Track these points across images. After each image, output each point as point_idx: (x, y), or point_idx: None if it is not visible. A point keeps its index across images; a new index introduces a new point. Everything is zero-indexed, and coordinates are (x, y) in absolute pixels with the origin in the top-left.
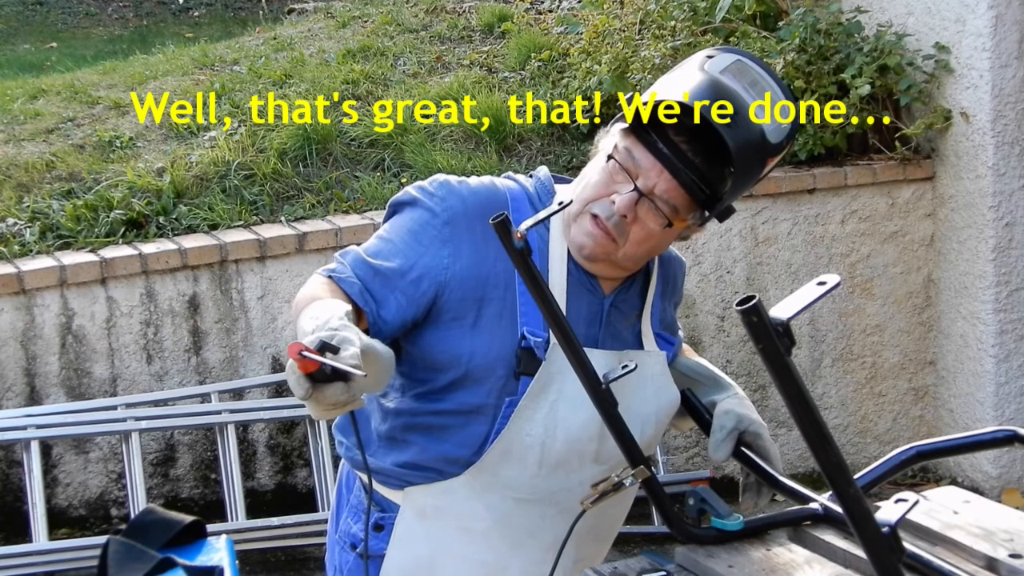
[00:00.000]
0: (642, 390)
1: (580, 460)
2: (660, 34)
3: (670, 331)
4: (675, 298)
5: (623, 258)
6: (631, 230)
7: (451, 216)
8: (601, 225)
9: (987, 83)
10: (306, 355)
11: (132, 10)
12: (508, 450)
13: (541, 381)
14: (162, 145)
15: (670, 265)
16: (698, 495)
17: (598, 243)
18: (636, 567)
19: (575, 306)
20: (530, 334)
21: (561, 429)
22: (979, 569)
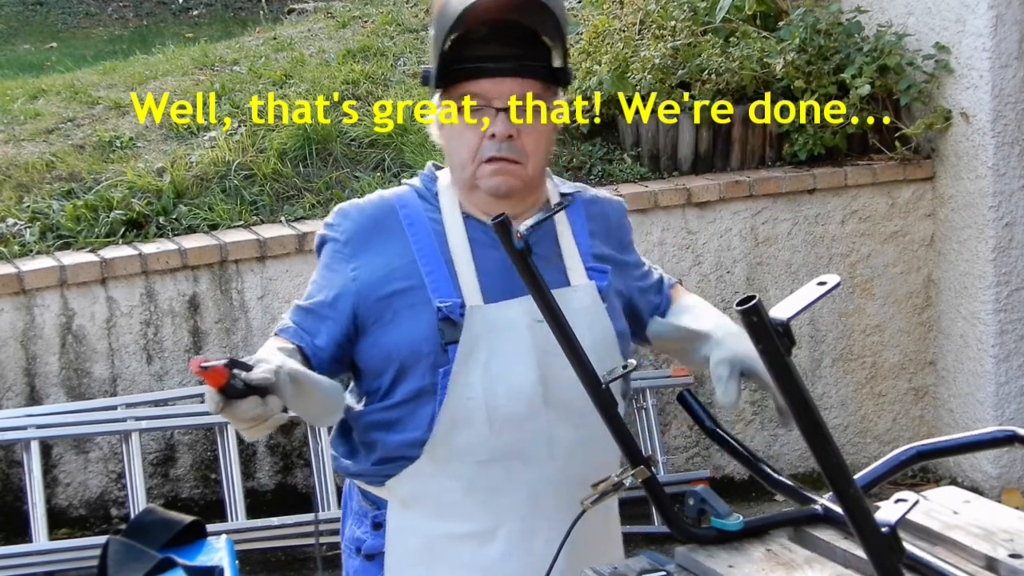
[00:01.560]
0: (576, 323)
1: (530, 408)
2: (660, 34)
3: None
4: (618, 236)
5: (533, 172)
6: (525, 142)
7: (349, 236)
8: (500, 159)
9: (987, 83)
10: (205, 365)
11: (132, 10)
12: (454, 418)
13: (467, 344)
14: (162, 145)
15: (597, 205)
16: (698, 495)
17: (509, 173)
18: (636, 567)
19: (487, 265)
20: (443, 304)
21: (500, 384)
22: (979, 569)
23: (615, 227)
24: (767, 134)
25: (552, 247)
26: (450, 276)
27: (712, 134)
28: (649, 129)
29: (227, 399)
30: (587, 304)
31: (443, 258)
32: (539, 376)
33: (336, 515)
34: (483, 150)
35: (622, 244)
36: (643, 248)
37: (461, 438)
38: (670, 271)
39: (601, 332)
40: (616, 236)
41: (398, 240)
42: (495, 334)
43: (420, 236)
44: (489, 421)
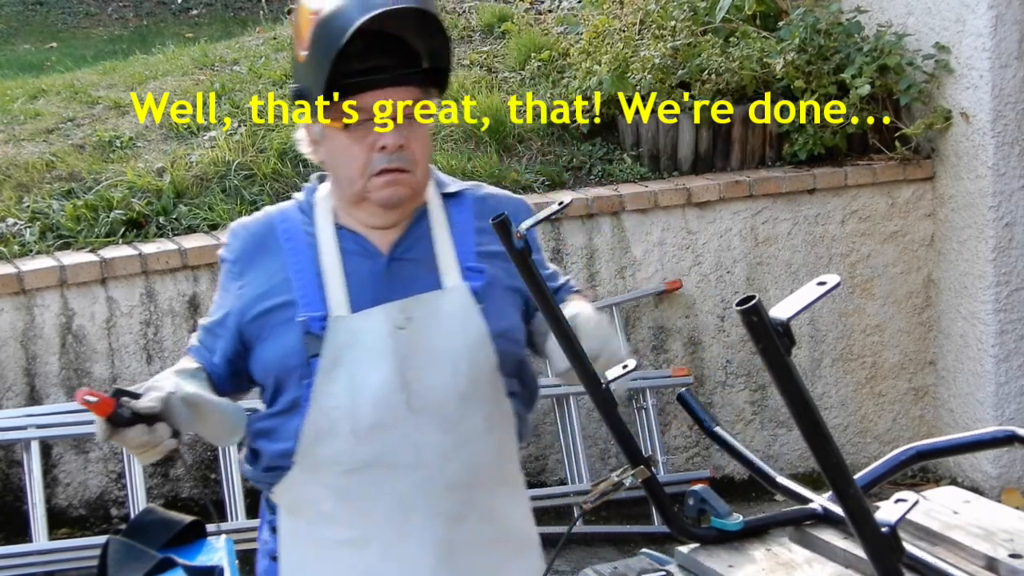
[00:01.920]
0: (446, 327)
1: (393, 416)
2: (660, 34)
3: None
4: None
5: (422, 178)
6: (414, 150)
7: (236, 255)
8: (392, 170)
9: (987, 83)
10: (89, 399)
11: (132, 10)
12: (318, 429)
13: (329, 356)
14: (162, 145)
15: (490, 202)
16: (698, 495)
17: (400, 184)
18: (636, 567)
19: (357, 275)
20: (304, 318)
21: (363, 393)
22: (979, 569)
23: None
24: (767, 134)
25: (427, 249)
26: (319, 289)
27: (712, 134)
28: (649, 129)
29: (114, 428)
30: (459, 306)
31: (314, 271)
32: (401, 382)
33: None
34: (374, 163)
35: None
36: (643, 248)
37: (327, 449)
38: (670, 271)
39: (474, 334)
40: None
41: (276, 256)
42: (357, 344)
43: (295, 251)
44: (353, 431)
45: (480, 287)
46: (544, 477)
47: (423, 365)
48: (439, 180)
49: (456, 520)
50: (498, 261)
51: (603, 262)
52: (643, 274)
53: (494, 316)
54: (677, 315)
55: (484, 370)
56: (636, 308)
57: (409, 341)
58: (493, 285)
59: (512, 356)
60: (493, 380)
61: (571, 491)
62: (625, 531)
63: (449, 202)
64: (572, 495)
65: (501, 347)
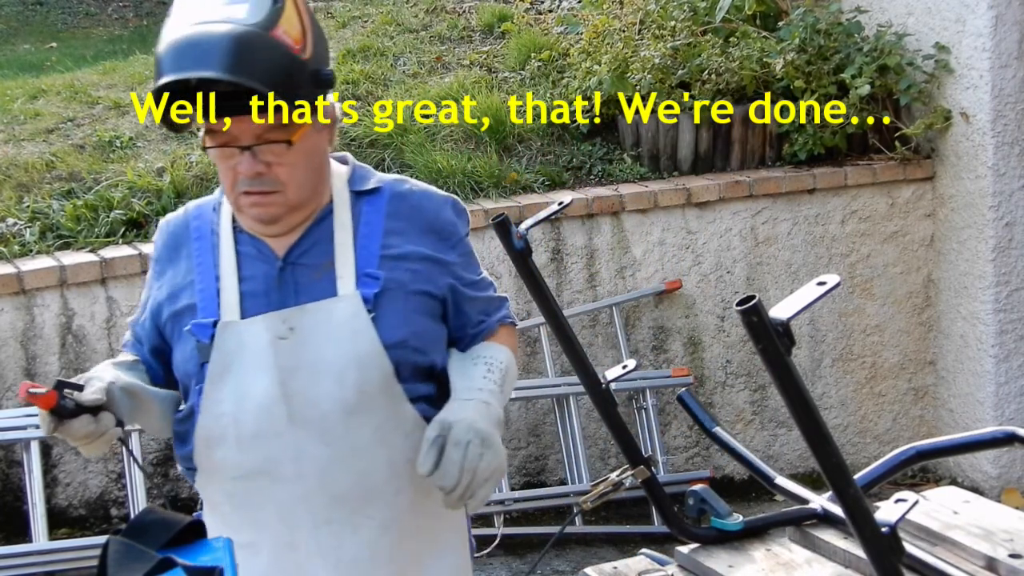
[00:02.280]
0: (334, 337)
1: (273, 426)
2: (660, 34)
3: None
4: (438, 231)
5: (296, 196)
6: (277, 173)
7: (158, 254)
8: (255, 192)
9: (987, 83)
10: (33, 391)
11: (132, 10)
12: (208, 435)
13: (217, 363)
14: (162, 145)
15: (409, 200)
16: (698, 495)
17: (267, 204)
18: (636, 567)
19: (251, 280)
20: (199, 322)
21: (247, 401)
22: (979, 569)
23: (433, 221)
24: (767, 134)
25: (325, 253)
26: (216, 293)
27: (712, 134)
28: (649, 129)
29: (60, 420)
30: (348, 316)
31: (215, 274)
32: (282, 393)
33: None
34: (238, 184)
35: (444, 241)
36: (643, 248)
37: (217, 454)
38: (670, 271)
39: (364, 345)
40: (435, 232)
41: (187, 257)
42: (243, 351)
43: (201, 252)
44: (238, 439)
45: (375, 295)
46: (544, 477)
47: (306, 376)
48: (357, 175)
49: (350, 530)
50: (407, 263)
51: (603, 262)
52: (643, 274)
53: (390, 325)
54: (677, 315)
55: (375, 381)
56: (636, 308)
57: (291, 352)
58: (393, 291)
59: (414, 364)
60: (388, 390)
61: (571, 491)
62: (625, 531)
63: (362, 200)
64: (572, 495)
65: (398, 357)
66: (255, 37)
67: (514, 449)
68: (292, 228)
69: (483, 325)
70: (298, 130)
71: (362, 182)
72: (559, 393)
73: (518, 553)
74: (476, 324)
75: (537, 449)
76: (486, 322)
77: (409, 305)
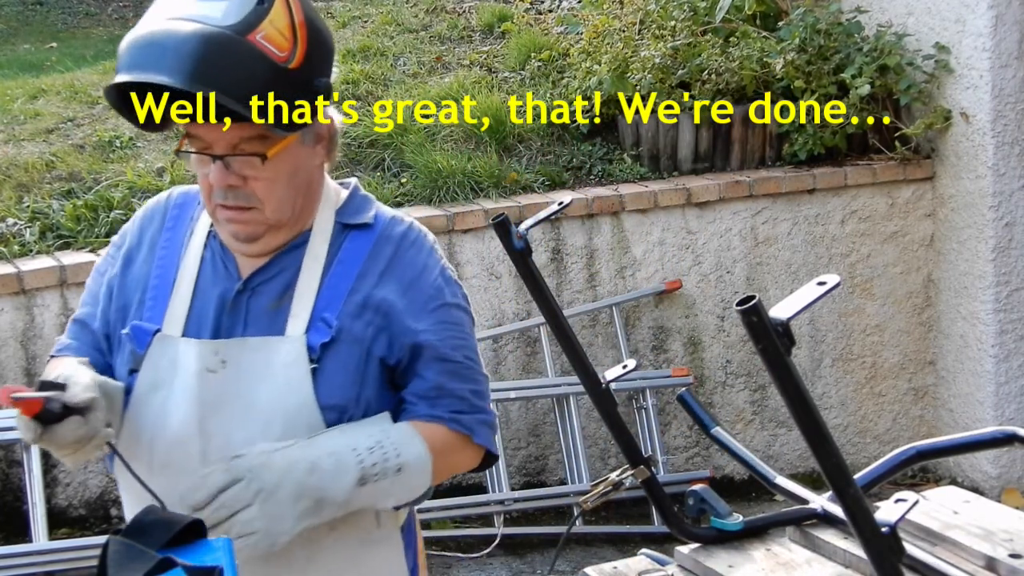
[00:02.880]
0: (268, 381)
1: (186, 461)
2: (660, 34)
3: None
4: (416, 293)
5: (275, 215)
6: (254, 188)
7: (127, 232)
8: (229, 207)
9: (987, 83)
10: (18, 396)
11: (132, 10)
12: (129, 449)
13: (147, 378)
14: (162, 145)
15: (401, 250)
16: (698, 495)
17: (243, 222)
18: (636, 567)
19: (207, 295)
20: (137, 326)
21: (166, 429)
22: (979, 569)
23: (415, 279)
24: (767, 134)
25: (286, 285)
26: (167, 298)
27: (712, 134)
28: (649, 129)
29: (45, 425)
30: (289, 361)
31: (173, 276)
32: (200, 430)
33: None
34: (214, 195)
35: (421, 304)
36: (643, 248)
37: (136, 468)
38: (670, 271)
39: (297, 398)
40: (414, 289)
41: (152, 246)
42: (174, 372)
43: (169, 245)
44: (149, 464)
45: (323, 344)
46: (544, 477)
47: (229, 416)
48: (353, 205)
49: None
50: (371, 314)
51: (603, 262)
52: (643, 274)
53: (333, 384)
54: (677, 315)
55: (304, 437)
56: (636, 308)
57: (218, 387)
58: (347, 345)
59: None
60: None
61: (571, 491)
62: (625, 531)
63: (348, 234)
64: (572, 495)
65: (333, 420)
66: (225, 41)
67: (514, 449)
68: (273, 250)
69: (413, 408)
70: (277, 143)
71: (356, 214)
72: (559, 393)
73: (518, 553)
74: (409, 404)
75: (537, 449)
76: (416, 409)
77: (360, 367)
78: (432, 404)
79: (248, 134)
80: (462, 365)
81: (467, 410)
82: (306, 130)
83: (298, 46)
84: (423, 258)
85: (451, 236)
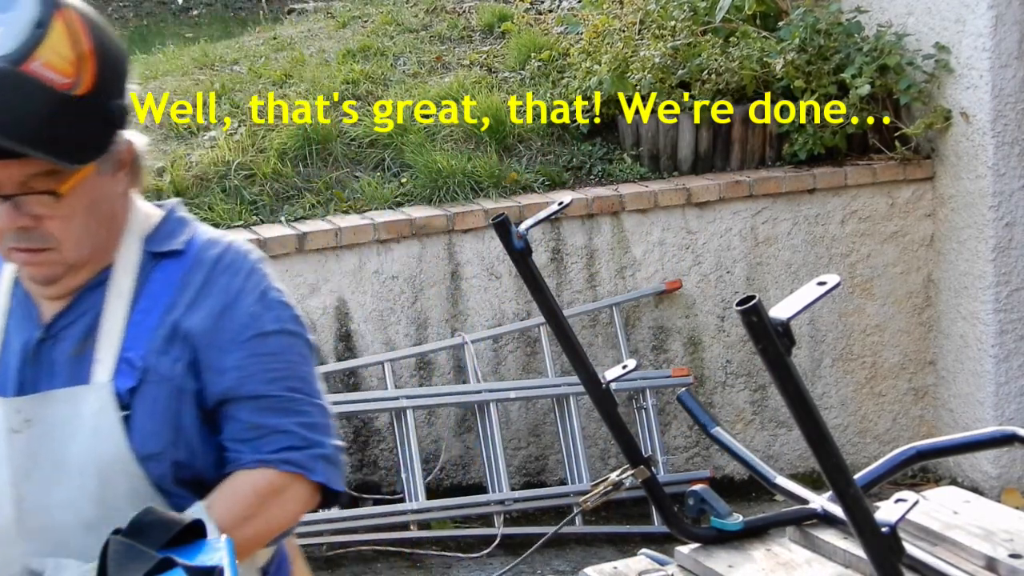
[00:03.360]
0: (78, 435)
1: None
2: (660, 34)
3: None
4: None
5: (77, 254)
6: (49, 227)
7: None
8: (22, 249)
9: (987, 83)
10: None
11: (132, 10)
12: None
13: None
14: (162, 145)
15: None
16: (698, 495)
17: (40, 264)
18: (636, 567)
19: (13, 345)
20: None
21: None
22: (979, 569)
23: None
24: (767, 134)
25: (88, 328)
26: None
27: (712, 134)
28: (649, 129)
29: None
30: (95, 411)
31: None
32: (14, 496)
33: (336, 515)
34: (6, 239)
35: (231, 334)
36: (643, 248)
37: None
38: (670, 271)
39: (109, 450)
40: (227, 318)
41: None
42: None
43: None
44: None
45: (132, 389)
46: (544, 477)
47: (41, 478)
48: (165, 231)
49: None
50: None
51: (603, 262)
52: (643, 274)
53: (147, 431)
54: (677, 315)
55: (123, 494)
56: (636, 308)
57: (24, 447)
58: (157, 386)
59: (176, 477)
60: (143, 503)
61: (571, 491)
62: (625, 531)
63: (157, 264)
64: (572, 495)
65: (154, 471)
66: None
67: (514, 449)
68: (74, 290)
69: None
70: (70, 177)
71: (166, 240)
72: (559, 393)
73: (518, 553)
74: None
75: (537, 449)
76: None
77: (173, 406)
78: (255, 447)
79: (36, 170)
80: (282, 399)
81: (298, 445)
82: (103, 159)
83: (85, 70)
84: (238, 283)
85: (451, 236)
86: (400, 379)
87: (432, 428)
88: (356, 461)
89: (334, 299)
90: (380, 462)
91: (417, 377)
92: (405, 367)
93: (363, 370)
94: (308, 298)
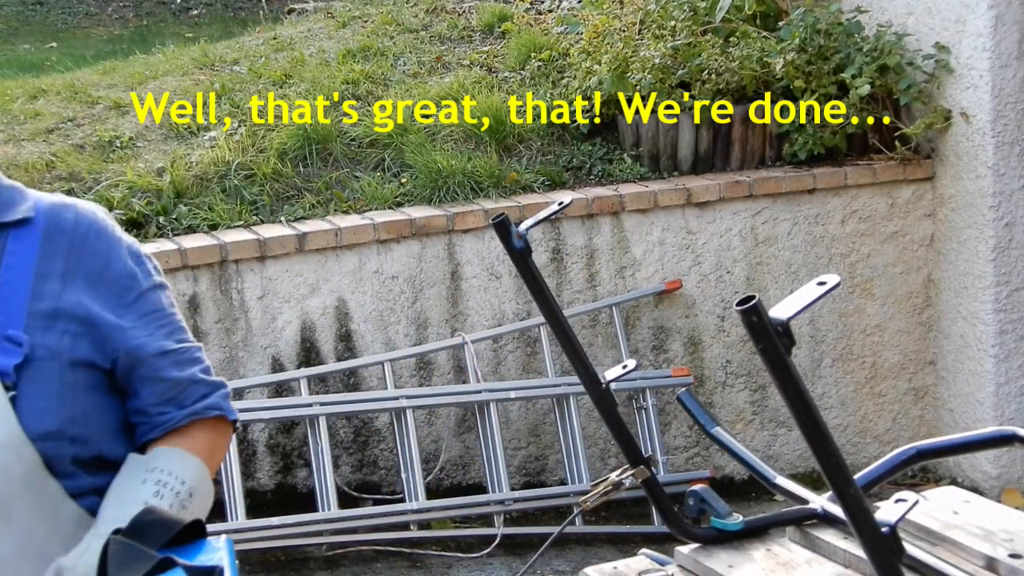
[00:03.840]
0: None
1: None
2: (660, 34)
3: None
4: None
5: None
6: None
7: None
8: None
9: (987, 83)
10: None
11: (132, 10)
12: None
13: None
14: (162, 145)
15: (77, 237)
16: (698, 495)
17: None
18: (636, 567)
19: None
20: None
21: None
22: (979, 569)
23: (103, 270)
24: (767, 134)
25: None
26: None
27: (712, 134)
28: (649, 129)
29: None
30: None
31: None
32: None
33: (336, 515)
34: None
35: (118, 296)
36: (643, 248)
37: None
38: (670, 271)
39: (2, 434)
40: (106, 283)
41: None
42: None
43: None
44: None
45: (16, 366)
46: (544, 477)
47: None
48: (4, 200)
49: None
50: (64, 322)
51: (603, 262)
52: (643, 274)
53: (39, 409)
54: (677, 315)
55: (16, 479)
56: (636, 308)
57: None
58: (44, 362)
59: (75, 456)
60: (38, 488)
61: (571, 491)
62: (625, 531)
63: (7, 234)
64: (572, 495)
65: (50, 450)
66: None
67: (514, 449)
68: None
69: (165, 417)
70: None
71: (8, 210)
72: (559, 393)
73: (518, 553)
74: (157, 415)
75: (537, 449)
76: (170, 415)
77: (66, 381)
78: (179, 404)
79: None
80: (180, 351)
81: (209, 391)
82: None
83: None
84: (105, 243)
85: (451, 236)
86: (400, 379)
87: (432, 428)
88: (356, 461)
89: (334, 299)
90: (380, 462)
91: (417, 377)
92: (405, 367)
93: (363, 370)
94: (308, 298)
